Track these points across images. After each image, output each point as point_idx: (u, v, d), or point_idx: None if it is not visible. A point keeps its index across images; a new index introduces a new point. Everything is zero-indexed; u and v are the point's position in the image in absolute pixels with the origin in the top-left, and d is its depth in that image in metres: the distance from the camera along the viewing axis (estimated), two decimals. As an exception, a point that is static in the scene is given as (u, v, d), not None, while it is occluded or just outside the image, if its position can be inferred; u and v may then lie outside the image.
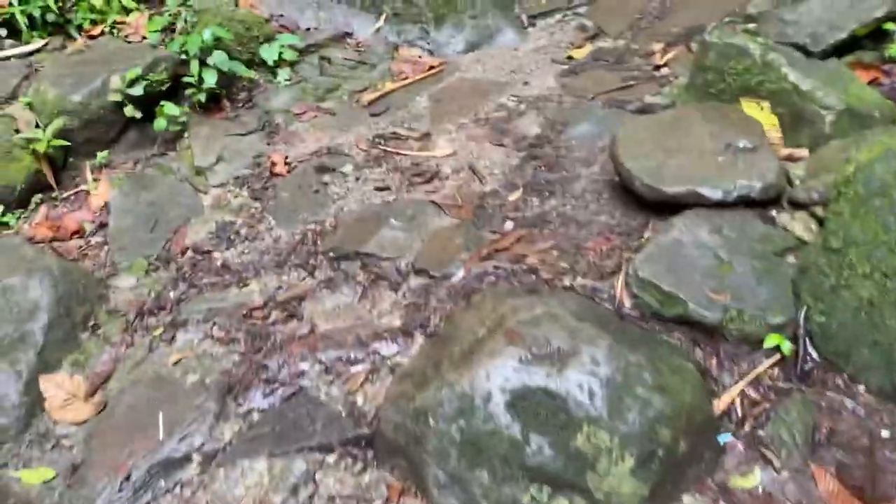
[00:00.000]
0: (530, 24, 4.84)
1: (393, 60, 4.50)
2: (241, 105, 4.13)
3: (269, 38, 4.37)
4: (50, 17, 4.16)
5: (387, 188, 3.31)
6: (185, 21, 4.12)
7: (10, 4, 4.06)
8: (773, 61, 2.86)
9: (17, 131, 3.53)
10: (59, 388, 2.60)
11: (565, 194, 3.06)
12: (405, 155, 3.56)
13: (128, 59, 3.84)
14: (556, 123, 3.56)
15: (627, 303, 2.41)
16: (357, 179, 3.42)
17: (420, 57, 4.57)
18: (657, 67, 3.89)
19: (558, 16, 4.85)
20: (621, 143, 2.83)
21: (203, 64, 3.99)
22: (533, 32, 4.75)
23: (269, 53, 4.28)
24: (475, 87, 4.15)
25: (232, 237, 3.20)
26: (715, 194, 2.55)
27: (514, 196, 3.10)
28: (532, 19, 4.87)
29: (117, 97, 3.68)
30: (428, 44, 4.65)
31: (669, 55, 3.93)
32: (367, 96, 4.13)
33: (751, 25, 3.99)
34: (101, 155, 3.73)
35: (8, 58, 4.04)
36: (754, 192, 2.55)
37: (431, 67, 4.40)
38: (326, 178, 3.46)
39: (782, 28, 3.74)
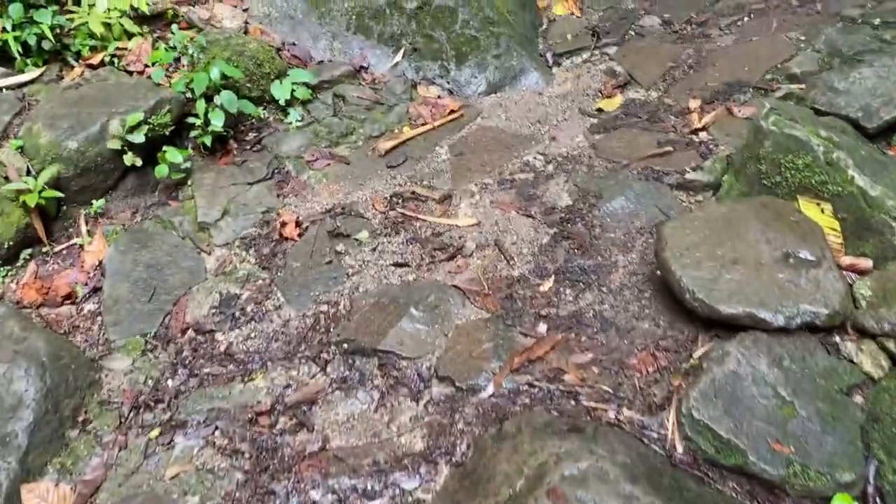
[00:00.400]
0: (555, 64, 4.53)
1: (411, 101, 4.19)
2: (249, 147, 3.82)
3: (281, 74, 4.05)
4: (46, 45, 3.82)
5: (406, 264, 3.03)
6: (192, 56, 3.79)
7: (4, 30, 3.72)
8: (837, 161, 2.58)
9: (7, 179, 3.21)
10: (44, 500, 2.33)
11: (602, 287, 2.78)
12: (425, 221, 3.27)
13: (129, 99, 3.52)
14: (589, 194, 3.27)
15: (679, 446, 2.15)
16: (374, 250, 3.13)
17: (439, 97, 4.27)
18: (695, 131, 3.59)
19: (585, 55, 4.55)
20: (669, 245, 2.55)
21: (209, 100, 3.68)
22: (559, 74, 4.44)
23: (280, 92, 3.97)
24: (498, 138, 3.85)
25: (237, 315, 2.91)
26: (776, 320, 2.28)
27: (545, 285, 2.82)
28: (557, 58, 4.57)
29: (116, 144, 3.36)
30: (448, 83, 4.34)
31: (708, 117, 3.64)
32: (384, 144, 3.82)
33: (795, 87, 3.71)
34: (97, 204, 3.42)
35: (0, 89, 3.71)
36: (819, 319, 2.28)
37: (451, 112, 4.09)
38: (340, 245, 3.16)
39: (832, 97, 3.47)
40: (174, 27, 4.09)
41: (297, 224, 3.32)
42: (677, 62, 4.22)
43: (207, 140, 3.63)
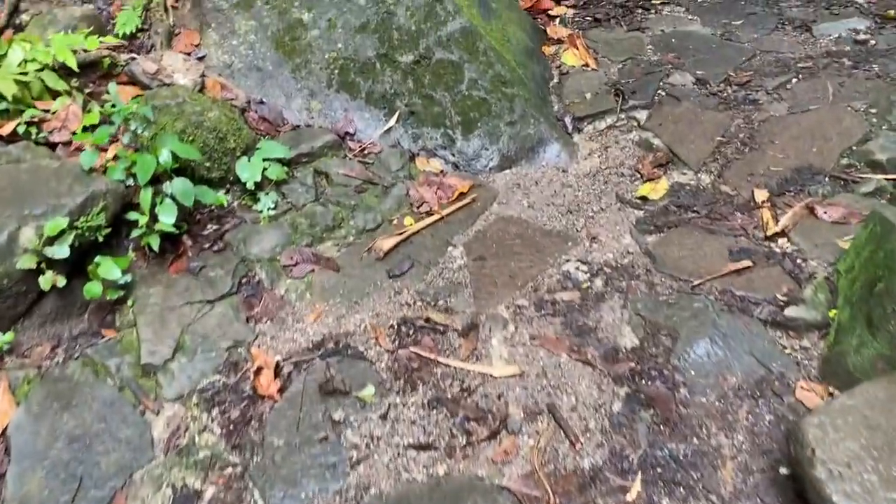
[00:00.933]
0: (575, 130, 3.74)
1: (410, 179, 3.33)
2: (208, 246, 2.91)
3: (249, 148, 3.14)
4: (-62, 112, 2.84)
5: (431, 446, 2.18)
6: (136, 133, 2.85)
7: None
8: None
9: None
10: None
11: (710, 495, 1.98)
12: (448, 367, 2.42)
13: (49, 195, 2.58)
14: (660, 330, 2.47)
15: None
16: (384, 417, 2.26)
17: (443, 173, 3.42)
18: (773, 237, 2.83)
19: (609, 119, 3.76)
20: (819, 455, 1.76)
21: (157, 187, 2.77)
22: (582, 144, 3.64)
23: (248, 172, 3.07)
24: (524, 235, 3.02)
25: (198, 530, 2.01)
26: None
27: (632, 490, 2.01)
28: (577, 122, 3.77)
29: (30, 262, 2.42)
30: (453, 155, 3.50)
31: (786, 219, 2.88)
32: (383, 243, 2.96)
33: (882, 178, 2.99)
34: (3, 338, 2.48)
35: None
36: None
37: (461, 195, 3.26)
38: (338, 410, 2.29)
39: (941, 200, 2.73)
40: (112, 85, 3.12)
41: (277, 371, 2.43)
42: (727, 136, 3.46)
43: (154, 242, 2.72)
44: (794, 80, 3.78)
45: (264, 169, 3.10)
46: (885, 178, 3.01)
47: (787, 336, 2.43)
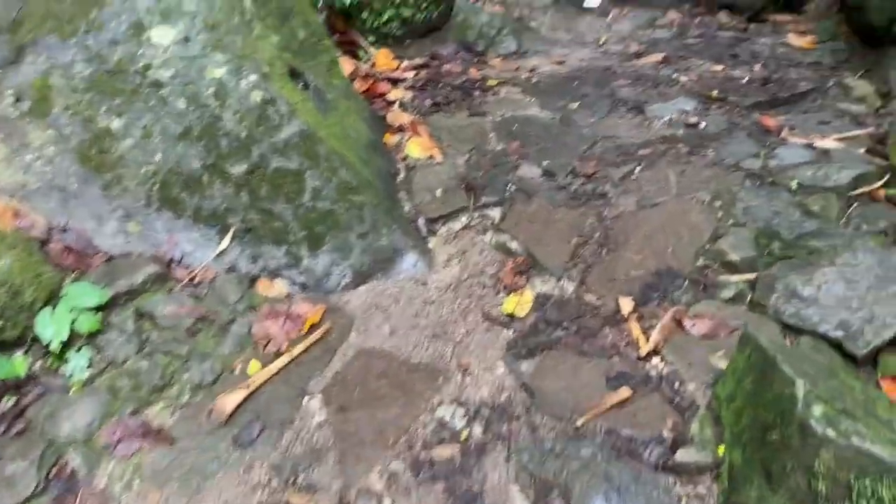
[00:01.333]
0: (430, 233, 3.45)
1: (251, 310, 2.88)
2: (4, 430, 2.32)
3: (53, 295, 2.57)
4: None
5: None
6: None
7: None
8: (952, 501, 1.73)
9: None
10: None
11: None
12: (319, 570, 2.01)
13: None
14: (550, 489, 2.21)
15: None
16: None
17: (290, 298, 3.01)
18: (647, 356, 2.67)
19: (464, 219, 3.52)
20: None
21: (-72, 361, 2.14)
22: (438, 249, 3.36)
23: (52, 328, 2.50)
24: (389, 373, 2.68)
25: None
26: None
27: None
28: (431, 224, 3.49)
29: None
30: (300, 275, 3.09)
31: (656, 335, 2.74)
32: (224, 402, 2.50)
33: (739, 280, 2.94)
34: None
35: None
36: None
37: (313, 326, 2.86)
38: None
39: (799, 307, 2.74)
40: None
41: None
42: (583, 236, 3.32)
43: (-74, 441, 2.08)
44: (638, 169, 3.74)
45: (72, 321, 2.53)
46: (742, 280, 2.96)
47: (681, 482, 2.24)
